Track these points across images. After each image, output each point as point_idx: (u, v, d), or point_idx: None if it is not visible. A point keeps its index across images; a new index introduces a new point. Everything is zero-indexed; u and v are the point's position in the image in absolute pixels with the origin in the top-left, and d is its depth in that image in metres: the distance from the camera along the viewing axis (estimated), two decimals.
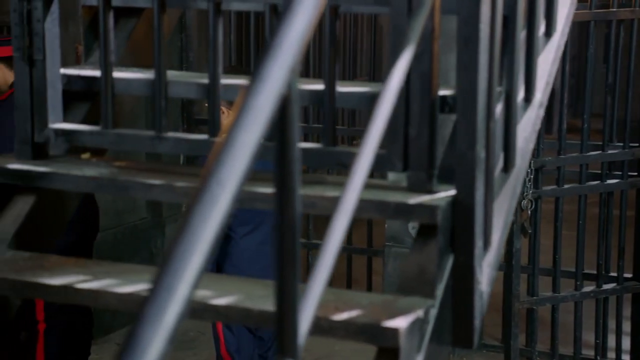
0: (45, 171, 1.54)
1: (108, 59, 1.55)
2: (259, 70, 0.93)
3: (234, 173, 0.87)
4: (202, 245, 0.83)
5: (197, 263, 0.82)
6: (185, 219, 0.84)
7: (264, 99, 0.91)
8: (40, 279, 1.40)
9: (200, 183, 0.86)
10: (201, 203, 0.85)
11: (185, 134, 1.55)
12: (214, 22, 1.48)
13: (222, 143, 0.89)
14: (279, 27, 0.96)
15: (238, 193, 0.87)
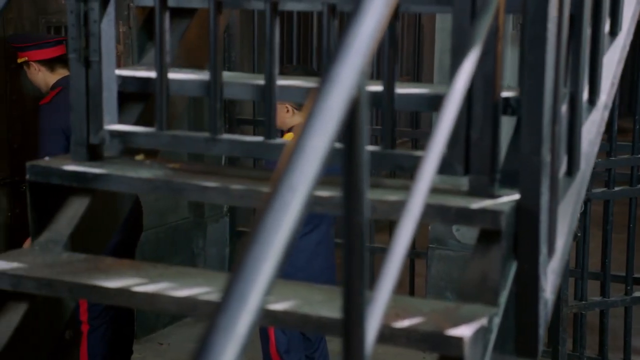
0: (101, 173, 1.53)
1: (164, 60, 1.54)
2: (329, 72, 0.90)
3: (305, 178, 0.85)
4: (273, 252, 0.81)
5: (269, 271, 0.80)
6: (257, 225, 0.82)
7: (334, 101, 0.89)
8: (96, 282, 1.39)
9: (271, 188, 0.84)
10: (273, 209, 0.83)
11: (240, 136, 1.53)
12: (271, 22, 1.46)
13: (293, 147, 0.87)
14: (348, 27, 0.93)
15: (309, 198, 0.85)
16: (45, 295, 1.44)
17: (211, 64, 1.51)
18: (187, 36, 1.84)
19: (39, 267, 1.46)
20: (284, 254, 0.83)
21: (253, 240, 0.81)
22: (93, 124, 1.59)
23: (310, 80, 1.55)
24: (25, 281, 1.41)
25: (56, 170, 1.56)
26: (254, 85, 1.53)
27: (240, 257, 0.81)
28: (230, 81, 1.54)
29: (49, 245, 1.56)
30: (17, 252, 1.53)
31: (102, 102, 1.58)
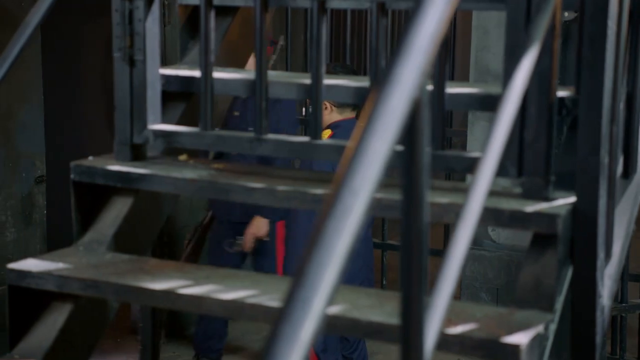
0: (145, 173, 1.52)
1: (208, 59, 1.52)
2: (390, 73, 0.87)
3: (366, 182, 0.82)
4: (336, 257, 0.78)
5: (332, 277, 0.77)
6: (319, 230, 0.79)
7: (396, 103, 0.86)
8: (142, 283, 1.38)
9: (333, 192, 0.82)
10: (334, 214, 0.80)
11: (286, 136, 1.51)
12: (318, 21, 1.43)
13: (353, 150, 0.84)
14: (409, 27, 0.91)
15: (371, 202, 0.82)
16: (90, 296, 1.43)
17: (257, 63, 1.49)
18: (229, 35, 1.82)
19: (84, 267, 1.45)
20: (346, 259, 0.80)
21: (315, 246, 0.79)
22: (137, 123, 1.58)
23: (357, 80, 1.53)
24: (71, 282, 1.40)
25: (100, 170, 1.55)
26: (300, 85, 1.50)
27: (302, 263, 0.78)
28: (276, 80, 1.52)
29: (92, 245, 1.55)
30: (62, 253, 1.52)
31: (146, 101, 1.57)
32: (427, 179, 0.91)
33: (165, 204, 1.70)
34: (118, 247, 1.56)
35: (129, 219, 1.59)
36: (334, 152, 1.46)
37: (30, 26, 1.40)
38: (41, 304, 1.46)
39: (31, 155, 3.72)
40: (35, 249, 3.76)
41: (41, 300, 1.46)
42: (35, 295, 1.44)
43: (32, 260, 1.46)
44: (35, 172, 3.76)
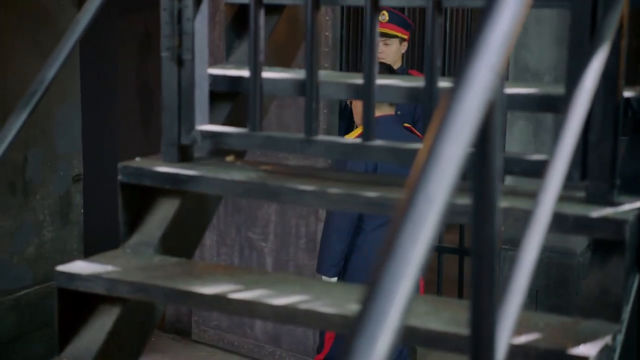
0: (193, 174, 1.50)
1: (258, 59, 1.49)
2: (463, 74, 0.84)
3: (441, 188, 0.78)
4: (411, 267, 0.75)
5: (407, 288, 0.74)
6: (392, 238, 0.76)
7: (470, 105, 0.82)
8: (192, 287, 1.35)
9: (406, 199, 0.78)
10: (408, 221, 0.76)
11: (337, 138, 1.47)
12: (371, 19, 1.40)
13: (426, 154, 0.81)
14: (482, 25, 0.87)
15: (446, 209, 0.79)
16: (138, 299, 1.41)
17: (307, 63, 1.46)
18: (275, 34, 1.79)
19: (132, 270, 1.43)
20: (422, 267, 0.77)
21: (389, 255, 0.75)
22: (184, 124, 1.56)
23: (410, 79, 1.49)
24: (120, 285, 1.38)
25: (148, 172, 1.53)
26: (352, 85, 1.47)
27: (376, 273, 0.75)
28: (326, 80, 1.49)
29: (140, 247, 1.53)
30: (109, 255, 1.51)
31: (194, 101, 1.55)
32: (499, 184, 0.88)
33: (211, 205, 1.68)
34: (165, 249, 1.54)
35: (176, 221, 1.56)
36: (386, 153, 1.43)
37: (82, 24, 1.38)
38: (89, 307, 1.44)
39: (69, 154, 3.73)
40: (72, 247, 3.77)
41: (89, 303, 1.44)
42: (83, 298, 1.43)
43: (80, 263, 1.44)
44: (72, 171, 3.77)
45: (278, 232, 4.07)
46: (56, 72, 1.35)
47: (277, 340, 4.03)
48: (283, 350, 4.04)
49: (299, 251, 3.99)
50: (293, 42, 1.87)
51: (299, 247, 3.99)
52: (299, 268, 4.05)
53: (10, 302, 3.45)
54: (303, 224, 3.97)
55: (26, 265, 3.53)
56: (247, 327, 4.15)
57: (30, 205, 3.53)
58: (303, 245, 4.00)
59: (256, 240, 4.14)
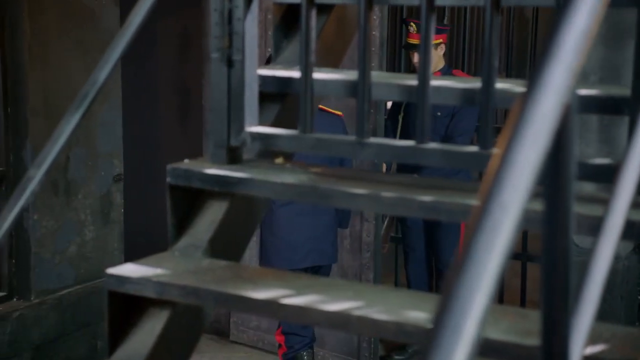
0: (243, 177, 1.48)
1: (309, 59, 1.46)
2: (538, 76, 0.80)
3: (517, 194, 0.75)
4: (487, 279, 0.71)
5: (484, 300, 0.71)
6: (467, 248, 0.73)
7: (546, 108, 0.79)
8: (243, 292, 1.33)
9: (480, 206, 0.75)
10: (483, 230, 0.73)
11: (389, 140, 1.44)
12: (427, 19, 1.37)
13: (500, 159, 0.77)
14: (557, 23, 0.83)
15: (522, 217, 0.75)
16: (188, 303, 1.39)
17: (359, 63, 1.43)
18: (324, 34, 1.76)
19: (182, 274, 1.41)
20: (497, 279, 0.73)
21: (464, 266, 0.72)
22: (234, 125, 1.54)
23: (464, 81, 1.45)
24: (170, 288, 1.37)
25: (197, 174, 1.51)
26: (405, 86, 1.44)
27: (451, 284, 0.72)
28: (379, 81, 1.46)
29: (188, 250, 1.51)
30: (158, 257, 1.49)
31: (244, 103, 1.53)
32: (574, 189, 0.84)
33: (259, 208, 1.66)
34: (214, 252, 1.52)
35: (224, 224, 1.54)
36: (440, 156, 1.39)
37: (133, 25, 1.36)
38: (139, 310, 1.43)
39: (110, 154, 3.75)
40: (112, 247, 3.79)
41: (139, 306, 1.43)
42: (133, 301, 1.41)
43: (129, 266, 1.43)
44: (113, 170, 3.78)
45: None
46: (108, 74, 1.34)
47: (320, 342, 4.01)
48: (326, 352, 4.01)
49: (343, 252, 3.96)
50: (341, 42, 1.84)
51: (343, 247, 3.96)
52: (343, 269, 4.03)
53: (53, 302, 3.47)
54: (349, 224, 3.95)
55: (68, 264, 3.55)
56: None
57: (72, 204, 3.55)
58: (347, 245, 3.98)
59: None
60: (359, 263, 3.99)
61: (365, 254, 3.97)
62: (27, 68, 3.29)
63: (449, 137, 3.94)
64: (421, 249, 4.31)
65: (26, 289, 3.40)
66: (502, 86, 1.35)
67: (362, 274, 3.97)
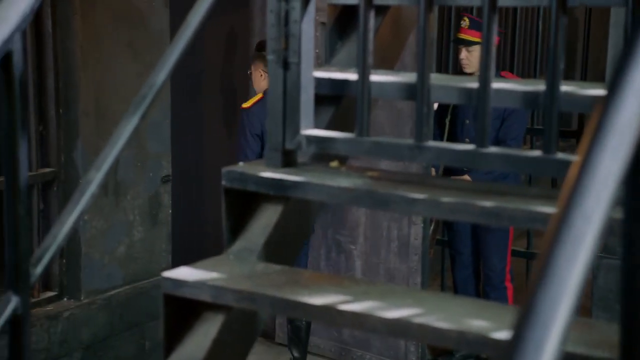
0: (299, 180, 1.46)
1: (366, 61, 1.44)
2: (619, 79, 0.77)
3: (600, 204, 0.72)
4: (570, 291, 0.68)
5: (566, 312, 0.68)
6: (547, 259, 0.70)
7: (628, 114, 0.75)
8: (299, 297, 1.31)
9: (560, 215, 0.72)
10: (565, 241, 0.70)
11: (449, 144, 1.41)
12: (489, 21, 1.33)
13: (581, 168, 0.74)
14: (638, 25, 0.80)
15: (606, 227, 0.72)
16: (243, 308, 1.38)
17: (419, 66, 1.40)
18: (379, 35, 1.74)
19: (237, 278, 1.40)
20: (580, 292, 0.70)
21: (545, 277, 0.69)
22: (289, 128, 1.52)
23: (526, 83, 1.41)
24: (226, 293, 1.36)
25: (252, 177, 1.50)
26: (465, 89, 1.41)
27: (532, 296, 0.69)
28: (438, 84, 1.43)
29: (243, 254, 1.50)
30: (213, 261, 1.48)
31: (300, 105, 1.51)
32: None
33: (313, 212, 1.64)
34: (268, 256, 1.51)
35: (279, 228, 1.53)
36: (501, 161, 1.36)
37: (191, 27, 1.35)
38: (194, 313, 1.42)
39: (158, 154, 3.77)
40: (160, 248, 3.81)
41: (194, 309, 1.42)
42: (188, 304, 1.40)
43: (185, 269, 1.42)
44: (161, 171, 3.80)
45: (368, 234, 4.02)
46: (166, 76, 1.33)
47: (366, 345, 3.99)
48: (373, 355, 3.98)
49: (390, 254, 3.93)
50: (397, 43, 1.82)
51: (390, 250, 3.93)
52: (390, 272, 4.00)
53: (102, 302, 3.50)
54: (395, 227, 3.91)
55: (117, 265, 3.58)
56: (333, 330, 4.12)
57: (121, 205, 3.58)
58: (395, 248, 3.94)
59: (345, 242, 4.11)
60: (406, 266, 3.95)
61: (413, 258, 3.94)
62: (79, 69, 3.32)
63: (500, 141, 3.89)
64: (468, 253, 4.26)
65: (76, 289, 3.43)
66: (567, 89, 1.31)
67: (409, 278, 3.94)
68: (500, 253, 4.14)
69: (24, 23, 1.01)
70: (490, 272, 4.17)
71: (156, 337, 3.76)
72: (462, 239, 4.23)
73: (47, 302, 3.37)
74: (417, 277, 3.92)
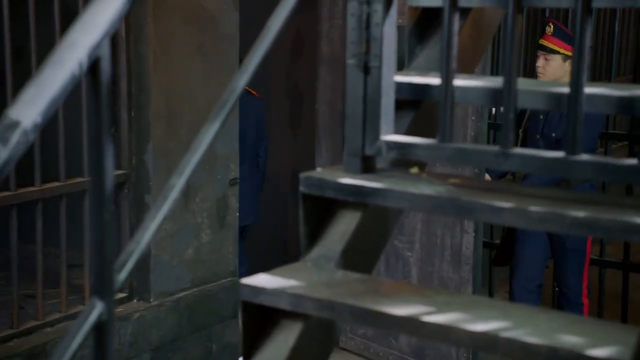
0: (379, 187, 1.43)
1: (450, 66, 1.40)
2: None
3: None
4: None
5: None
6: None
7: None
8: (381, 307, 1.28)
9: None
10: None
11: (537, 151, 1.36)
12: (582, 23, 1.28)
13: None
14: None
15: None
16: (322, 316, 1.36)
17: (505, 69, 1.35)
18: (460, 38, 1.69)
19: (316, 286, 1.38)
20: None
21: None
22: (369, 134, 1.49)
23: (624, 88, 1.35)
24: (305, 301, 1.33)
25: (331, 183, 1.47)
26: (555, 94, 1.35)
27: None
28: (526, 89, 1.38)
29: (321, 261, 1.47)
30: (290, 268, 1.46)
31: (380, 110, 1.48)
32: None
33: (392, 219, 1.61)
34: (346, 264, 1.48)
35: (357, 235, 1.50)
36: (593, 169, 1.30)
37: (272, 32, 1.34)
38: (272, 321, 1.40)
39: (226, 157, 3.78)
40: (227, 251, 3.82)
41: (272, 317, 1.40)
42: (266, 312, 1.39)
43: (263, 276, 1.40)
44: (229, 174, 3.81)
45: (424, 241, 3.96)
46: (247, 81, 1.32)
47: (421, 354, 3.94)
48: None
49: (444, 263, 3.87)
50: (477, 47, 1.77)
51: (444, 258, 3.87)
52: (443, 281, 3.93)
53: (171, 304, 3.53)
54: (448, 235, 3.84)
55: (185, 267, 3.60)
56: (391, 338, 4.08)
57: (190, 207, 3.60)
58: (448, 257, 3.87)
59: (402, 249, 4.06)
60: (458, 275, 3.87)
61: (464, 267, 3.85)
62: (151, 73, 3.35)
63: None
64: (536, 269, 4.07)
65: (146, 290, 3.47)
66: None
67: (461, 287, 3.85)
68: (578, 270, 4.01)
69: (112, 29, 1.00)
70: (567, 289, 4.04)
71: (223, 340, 3.77)
72: (529, 250, 4.07)
73: (117, 303, 3.41)
74: (468, 287, 3.83)
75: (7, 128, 0.92)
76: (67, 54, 0.97)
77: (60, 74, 0.97)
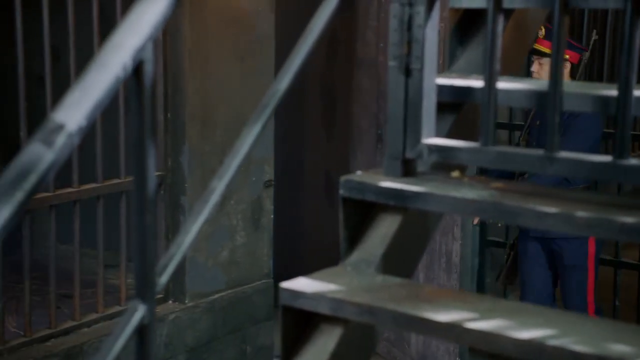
0: (420, 191, 1.41)
1: (494, 68, 1.38)
2: None
3: None
4: None
5: None
6: None
7: None
8: (423, 313, 1.26)
9: None
10: None
11: (583, 155, 1.33)
12: (631, 24, 1.25)
13: None
14: None
15: None
16: (363, 322, 1.34)
17: (552, 72, 1.33)
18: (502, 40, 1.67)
19: (356, 290, 1.36)
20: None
21: None
22: (410, 136, 1.47)
23: None
24: (345, 306, 1.32)
25: (372, 187, 1.45)
26: (602, 97, 1.32)
27: None
28: (571, 91, 1.35)
29: (361, 265, 1.46)
30: (330, 272, 1.45)
31: (422, 113, 1.46)
32: None
33: (432, 223, 1.58)
34: (386, 268, 1.46)
35: (397, 239, 1.48)
36: None
37: (314, 33, 1.32)
38: (311, 325, 1.39)
39: (262, 159, 3.78)
40: (262, 253, 3.82)
41: (311, 321, 1.39)
42: (306, 316, 1.37)
43: (303, 280, 1.39)
44: (264, 176, 3.81)
45: (429, 247, 3.91)
46: (288, 83, 1.31)
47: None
48: None
49: (440, 270, 3.82)
50: (520, 48, 1.74)
51: (440, 265, 3.82)
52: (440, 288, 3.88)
53: (206, 305, 3.54)
54: (444, 242, 3.78)
55: (220, 268, 3.61)
56: (405, 343, 4.05)
57: (225, 209, 3.60)
58: (443, 264, 3.82)
59: None
60: (449, 284, 3.81)
61: (453, 275, 3.77)
62: (187, 74, 3.36)
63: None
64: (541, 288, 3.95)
65: (181, 292, 3.48)
66: None
67: None
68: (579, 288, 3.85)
69: (156, 32, 1.00)
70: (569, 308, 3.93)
71: (257, 342, 3.77)
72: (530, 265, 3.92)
73: None
74: None
75: (52, 131, 0.92)
76: (112, 57, 0.97)
77: (105, 77, 0.97)
